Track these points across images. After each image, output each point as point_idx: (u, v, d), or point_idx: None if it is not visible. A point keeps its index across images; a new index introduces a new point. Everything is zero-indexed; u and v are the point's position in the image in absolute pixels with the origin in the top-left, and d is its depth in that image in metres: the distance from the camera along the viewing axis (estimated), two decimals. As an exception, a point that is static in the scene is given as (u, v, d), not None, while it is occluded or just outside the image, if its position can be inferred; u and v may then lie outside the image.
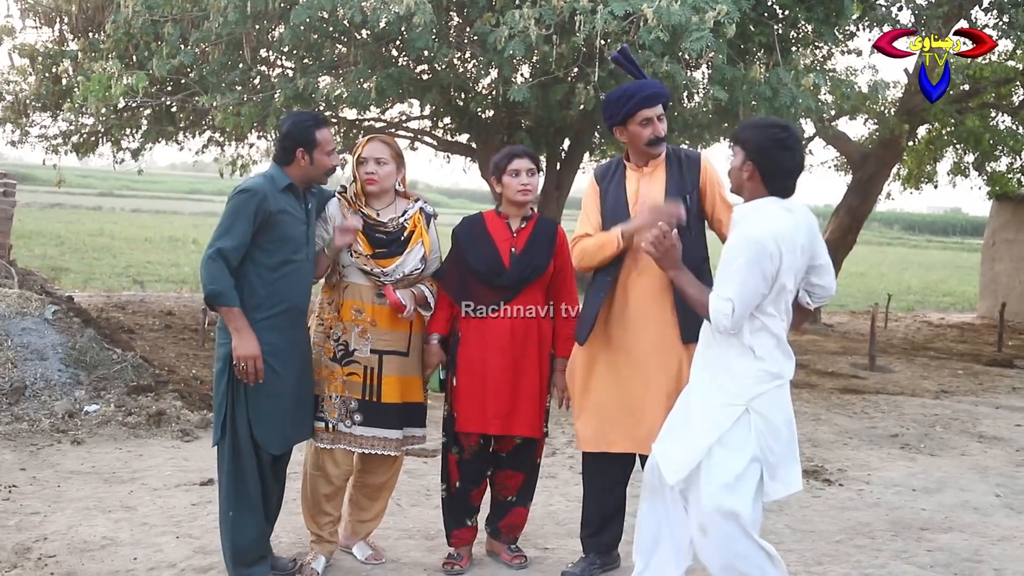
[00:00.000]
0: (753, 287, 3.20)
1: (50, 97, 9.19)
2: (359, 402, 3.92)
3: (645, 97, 3.83)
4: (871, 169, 13.41)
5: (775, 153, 3.27)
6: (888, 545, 4.62)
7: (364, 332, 3.93)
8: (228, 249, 3.60)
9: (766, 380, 3.29)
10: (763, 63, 7.22)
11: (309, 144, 3.75)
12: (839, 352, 11.23)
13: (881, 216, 51.68)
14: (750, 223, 3.27)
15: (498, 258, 4.01)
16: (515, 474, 4.14)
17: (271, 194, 3.68)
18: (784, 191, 3.33)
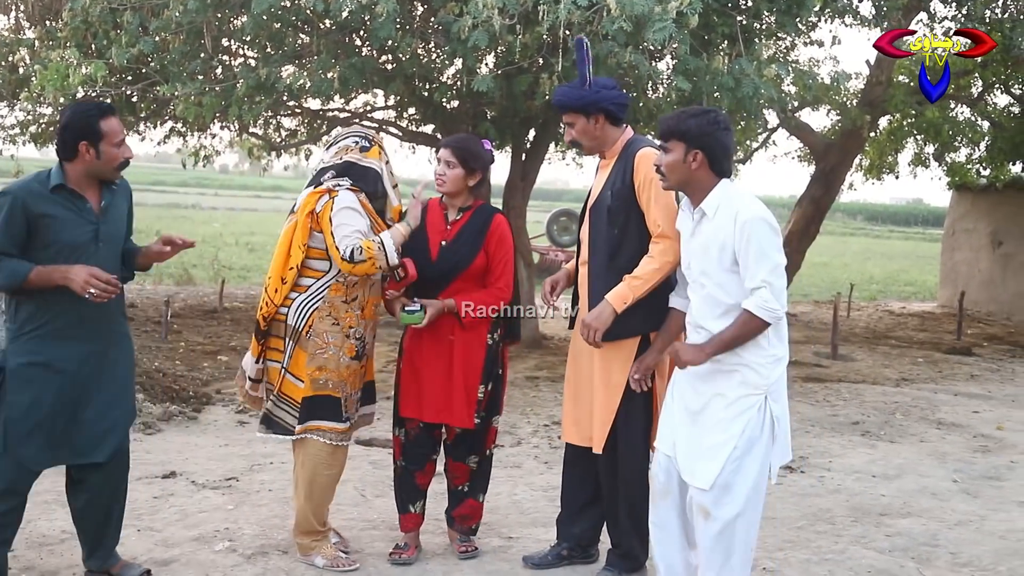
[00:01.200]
0: (780, 262, 3.25)
1: (6, 86, 9.01)
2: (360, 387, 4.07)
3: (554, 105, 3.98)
4: (834, 160, 13.51)
5: (719, 135, 3.34)
6: (848, 530, 4.69)
7: (376, 326, 4.12)
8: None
9: (778, 364, 3.33)
10: (726, 54, 7.24)
11: (93, 136, 3.41)
12: (802, 341, 11.34)
13: (844, 207, 52.17)
14: (736, 206, 3.28)
15: (427, 250, 4.04)
16: (458, 464, 4.17)
17: (38, 196, 3.37)
18: (729, 172, 3.42)
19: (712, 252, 3.32)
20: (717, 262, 3.31)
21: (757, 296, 3.20)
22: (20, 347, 3.42)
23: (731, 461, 3.26)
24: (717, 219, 3.31)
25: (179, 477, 5.13)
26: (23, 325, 3.42)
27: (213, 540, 4.21)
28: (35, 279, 3.34)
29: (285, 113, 10.02)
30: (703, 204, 3.37)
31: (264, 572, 3.89)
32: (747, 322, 3.23)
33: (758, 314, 3.20)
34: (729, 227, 3.26)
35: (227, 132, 11.46)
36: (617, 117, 3.85)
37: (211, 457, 5.54)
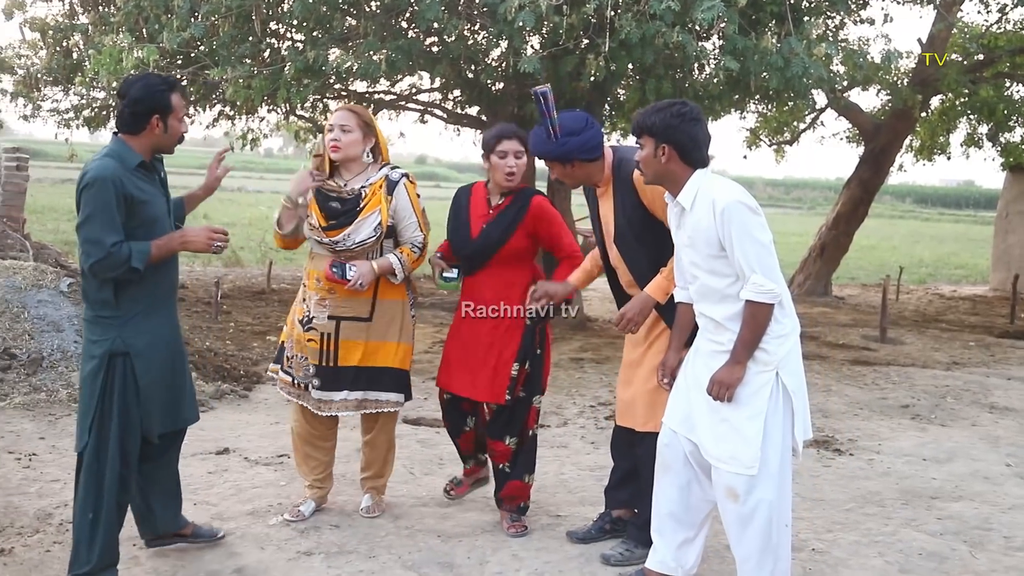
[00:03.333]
0: (765, 241, 3.26)
1: (61, 71, 9.21)
2: (316, 367, 4.11)
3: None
4: (883, 141, 13.33)
5: (684, 127, 3.33)
6: (898, 513, 4.66)
7: (323, 300, 4.08)
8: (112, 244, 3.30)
9: (786, 339, 3.33)
10: (775, 33, 7.17)
11: (165, 109, 3.43)
12: (850, 324, 11.23)
13: (893, 189, 51.43)
14: (712, 194, 3.27)
15: (467, 231, 4.16)
16: (495, 442, 4.21)
17: (125, 177, 3.36)
18: (704, 161, 3.39)
19: (698, 243, 3.34)
20: (704, 251, 3.33)
21: (752, 283, 3.23)
22: (136, 327, 3.45)
23: (763, 445, 3.26)
24: (696, 210, 3.33)
25: (232, 453, 5.23)
26: (129, 308, 3.44)
27: (267, 514, 4.29)
28: (156, 254, 3.42)
29: (332, 96, 10.09)
30: (679, 197, 3.39)
31: (317, 545, 3.96)
32: (754, 312, 3.25)
33: (758, 299, 3.23)
34: (708, 216, 3.27)
35: (274, 115, 11.57)
36: (593, 158, 3.77)
37: (263, 434, 5.63)
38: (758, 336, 3.28)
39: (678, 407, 3.52)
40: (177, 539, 3.88)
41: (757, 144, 15.48)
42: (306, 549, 3.92)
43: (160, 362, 3.52)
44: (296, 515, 4.24)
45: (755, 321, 3.26)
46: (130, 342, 3.43)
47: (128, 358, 3.43)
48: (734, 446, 3.30)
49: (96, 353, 3.42)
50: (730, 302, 3.33)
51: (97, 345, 3.42)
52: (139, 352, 3.44)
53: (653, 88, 7.48)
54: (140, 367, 3.44)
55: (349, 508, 4.41)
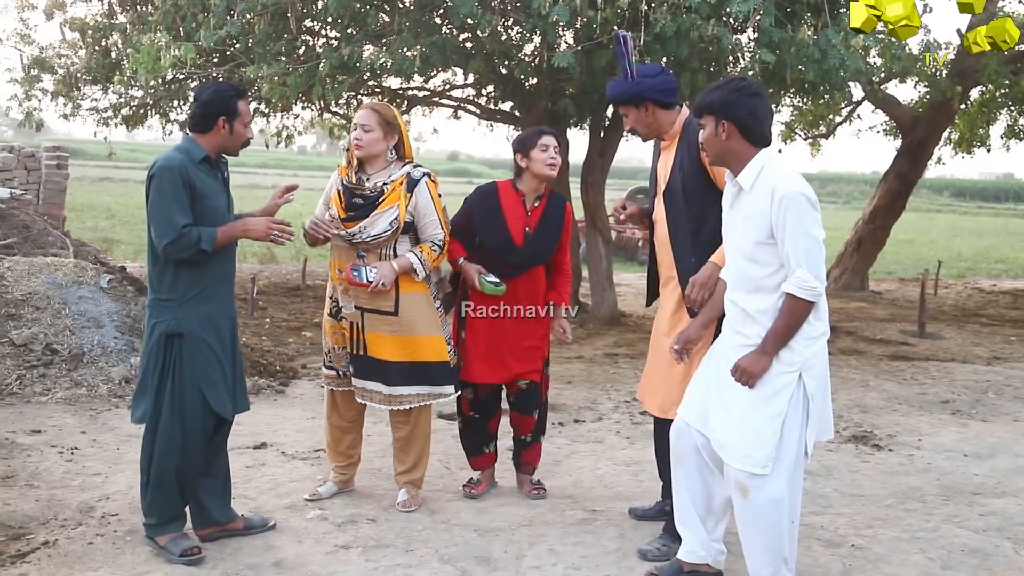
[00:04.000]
0: (819, 237, 3.20)
1: (100, 70, 9.32)
2: (349, 355, 4.30)
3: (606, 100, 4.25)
4: (921, 133, 13.16)
5: (744, 102, 3.27)
6: (939, 509, 4.60)
7: (347, 289, 4.22)
8: (183, 225, 3.58)
9: (814, 342, 3.28)
10: (811, 25, 7.10)
11: (231, 113, 3.74)
12: (887, 319, 11.10)
13: (930, 183, 50.74)
14: (774, 179, 3.21)
15: (509, 237, 4.32)
16: (524, 416, 4.54)
17: (191, 168, 3.66)
18: (767, 138, 3.32)
19: (748, 225, 3.29)
20: (752, 235, 3.27)
21: (796, 277, 3.17)
22: (191, 311, 3.70)
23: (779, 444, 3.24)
24: (755, 192, 3.27)
25: (269, 448, 5.27)
26: (185, 292, 3.70)
27: (305, 508, 4.32)
28: (221, 238, 3.69)
29: (366, 92, 10.13)
30: (740, 177, 3.32)
31: (354, 539, 3.98)
32: (792, 307, 3.20)
33: (799, 295, 3.17)
34: (766, 200, 3.21)
35: (309, 112, 11.64)
36: (666, 102, 3.87)
37: (299, 429, 5.67)
38: (792, 331, 3.22)
39: (695, 401, 3.51)
40: (227, 533, 3.94)
41: (792, 138, 15.34)
42: (344, 543, 3.95)
43: (211, 345, 3.74)
44: (314, 494, 4.44)
45: (792, 316, 3.21)
46: (184, 324, 3.68)
47: (182, 339, 3.68)
48: (749, 444, 3.27)
49: (155, 333, 3.72)
50: (764, 294, 3.29)
51: (157, 326, 3.72)
52: (192, 333, 3.69)
53: (688, 82, 7.43)
54: (193, 348, 3.69)
55: (386, 502, 4.43)
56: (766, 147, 3.33)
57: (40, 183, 10.80)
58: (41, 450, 5.00)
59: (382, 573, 3.69)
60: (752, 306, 3.31)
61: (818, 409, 3.32)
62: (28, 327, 6.35)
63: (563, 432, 5.83)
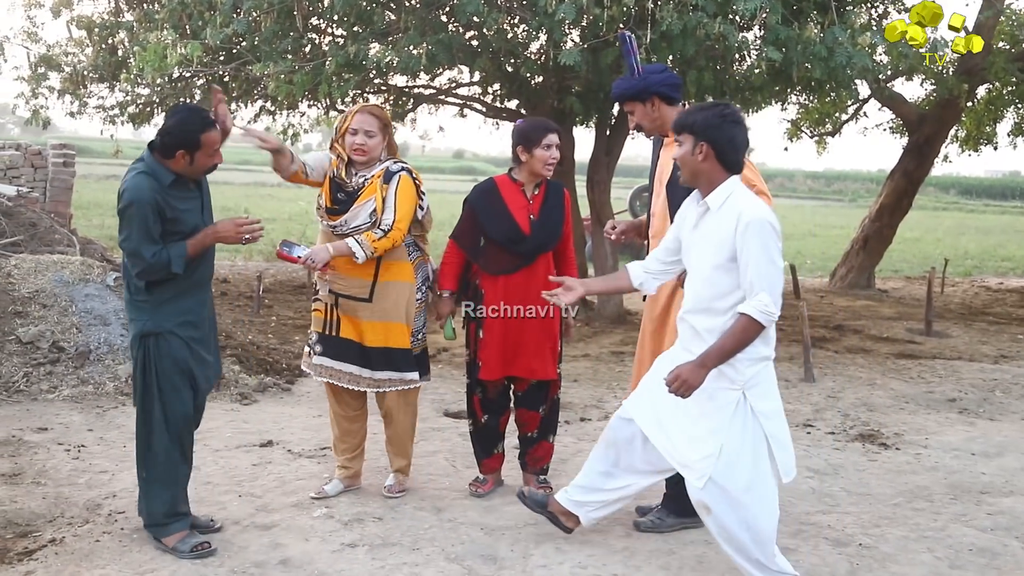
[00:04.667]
0: (780, 265, 3.31)
1: (107, 68, 9.32)
2: (319, 335, 4.43)
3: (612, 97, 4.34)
4: (928, 131, 13.13)
5: (725, 128, 3.35)
6: (947, 508, 4.59)
7: (323, 275, 4.35)
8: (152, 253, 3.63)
9: (757, 363, 3.36)
10: (818, 22, 7.08)
11: (192, 147, 3.66)
12: (894, 317, 11.07)
13: (936, 180, 50.60)
14: (742, 206, 3.30)
15: (516, 226, 4.35)
16: (531, 412, 4.55)
17: (160, 195, 3.64)
18: (738, 165, 3.42)
19: (709, 247, 3.37)
20: (712, 257, 3.35)
21: (758, 300, 3.23)
22: (167, 310, 3.76)
23: (720, 460, 3.33)
24: (721, 214, 3.35)
25: (276, 446, 5.28)
26: (160, 294, 3.74)
27: (311, 507, 4.32)
28: (192, 253, 3.73)
29: (372, 90, 10.13)
30: (708, 198, 3.40)
31: (360, 538, 3.99)
32: (746, 327, 3.26)
33: (757, 318, 3.23)
34: (731, 225, 3.29)
35: (315, 110, 11.63)
36: (671, 97, 4.05)
37: (305, 427, 5.67)
38: (738, 350, 3.29)
39: (645, 402, 3.61)
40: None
41: (798, 136, 15.31)
42: (350, 541, 3.95)
43: (189, 339, 3.80)
44: (320, 492, 4.46)
45: (744, 335, 3.27)
46: (161, 324, 3.74)
47: (160, 337, 3.75)
48: (690, 456, 3.40)
49: (134, 332, 3.80)
50: (714, 315, 3.37)
51: (134, 324, 3.81)
52: (169, 331, 3.75)
53: (694, 79, 7.42)
54: (171, 345, 3.76)
55: (392, 501, 4.43)
56: (737, 174, 3.42)
57: (47, 181, 10.81)
58: (48, 448, 5.01)
59: (388, 571, 3.68)
60: (702, 325, 3.41)
61: (778, 431, 3.39)
62: (35, 325, 6.36)
63: (569, 431, 5.83)
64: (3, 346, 6.19)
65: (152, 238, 3.63)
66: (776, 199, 18.50)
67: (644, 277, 3.75)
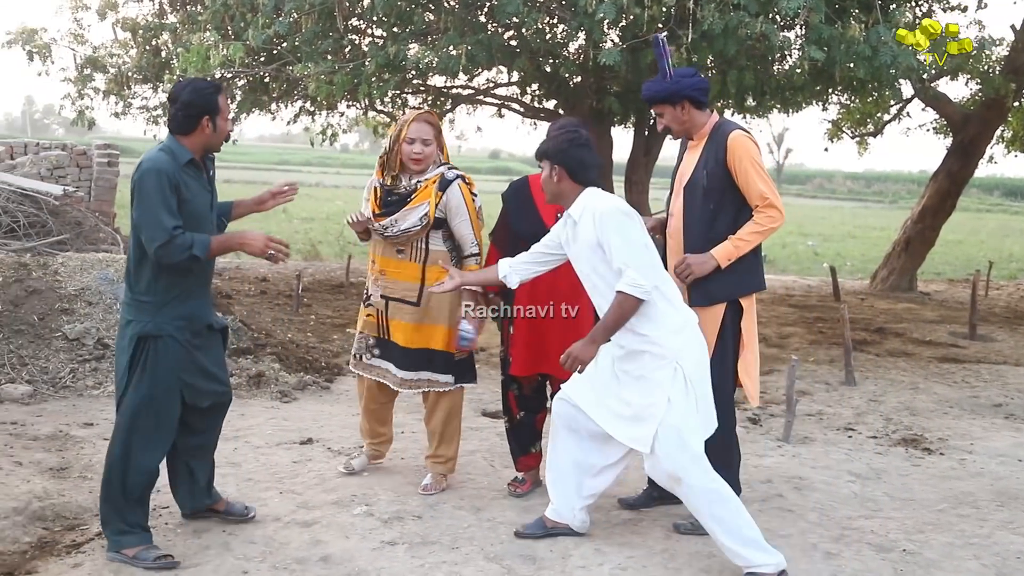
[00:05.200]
0: (639, 242, 3.64)
1: (150, 69, 9.46)
2: (376, 339, 4.55)
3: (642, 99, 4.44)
4: (973, 131, 12.94)
5: (572, 151, 3.79)
6: (994, 515, 4.51)
7: (376, 279, 4.52)
8: (174, 227, 3.53)
9: (680, 331, 3.65)
10: (862, 21, 7.00)
11: (213, 111, 3.68)
12: (937, 321, 10.92)
13: (980, 182, 49.84)
14: (594, 205, 3.68)
15: (541, 221, 4.35)
16: None
17: (176, 171, 3.61)
18: (593, 181, 3.82)
19: (585, 248, 3.72)
20: (592, 257, 3.70)
21: (627, 276, 3.57)
22: (169, 313, 3.68)
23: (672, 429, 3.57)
24: (583, 221, 3.72)
25: (316, 444, 5.31)
26: (164, 294, 3.67)
27: (351, 504, 4.35)
28: (216, 247, 3.69)
29: (411, 91, 10.18)
30: (570, 211, 3.80)
31: (400, 536, 4.00)
32: (622, 303, 3.59)
33: (630, 292, 3.56)
34: (590, 222, 3.68)
35: (353, 110, 11.72)
36: (700, 101, 4.17)
37: (344, 425, 5.71)
38: (619, 324, 3.62)
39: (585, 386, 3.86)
40: (211, 513, 4.10)
41: (839, 136, 15.15)
42: (390, 539, 3.96)
43: (188, 343, 3.73)
44: (348, 467, 4.75)
45: (621, 309, 3.60)
46: (162, 327, 3.66)
47: (157, 340, 3.66)
48: (636, 430, 3.66)
49: (129, 333, 3.68)
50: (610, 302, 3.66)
51: (131, 325, 3.68)
52: (169, 335, 3.67)
53: (735, 79, 7.38)
54: (167, 347, 3.67)
55: (431, 500, 4.45)
56: (591, 187, 3.80)
57: (91, 180, 10.99)
58: (94, 443, 5.08)
59: (428, 570, 3.70)
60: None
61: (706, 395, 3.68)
62: (81, 322, 6.46)
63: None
64: (50, 343, 6.29)
65: (171, 210, 3.54)
66: (815, 200, 18.51)
67: (508, 271, 4.04)
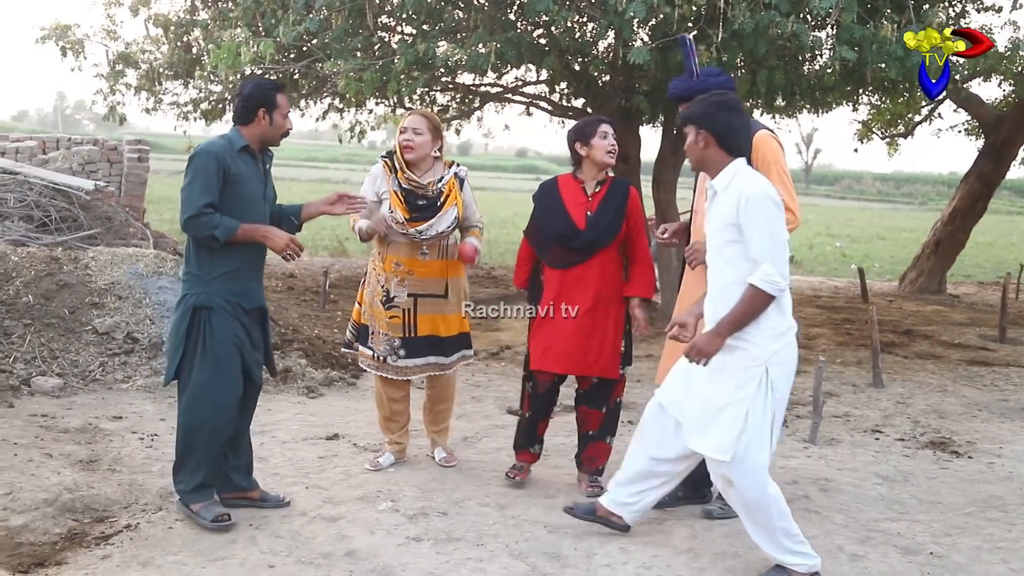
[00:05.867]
0: (783, 236, 3.46)
1: (181, 65, 9.53)
2: (402, 340, 4.68)
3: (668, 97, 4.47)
4: (1005, 133, 12.80)
5: (721, 114, 3.58)
6: (1022, 519, 4.47)
7: (403, 280, 4.66)
8: (205, 204, 3.84)
9: (780, 338, 3.50)
10: (894, 21, 6.94)
11: (271, 105, 4.01)
12: (966, 323, 10.81)
13: (1012, 184, 49.22)
14: (741, 185, 3.48)
15: (570, 221, 4.41)
16: (591, 411, 4.58)
17: (229, 155, 3.94)
18: (741, 148, 3.62)
19: (720, 225, 3.56)
20: (723, 236, 3.53)
21: (761, 271, 3.39)
22: (218, 288, 3.96)
23: (743, 433, 3.46)
24: (726, 195, 3.53)
25: (342, 439, 5.34)
26: (212, 270, 3.96)
27: (376, 500, 4.37)
28: (241, 235, 3.92)
29: (439, 88, 10.19)
30: (714, 181, 3.62)
31: (425, 532, 4.02)
32: (753, 296, 3.41)
33: (762, 287, 3.39)
34: (734, 201, 3.47)
35: (382, 108, 11.74)
36: None
37: (370, 422, 5.72)
38: (748, 319, 3.44)
39: (674, 389, 3.77)
40: (246, 501, 4.21)
41: (869, 137, 15.03)
42: (415, 535, 3.98)
43: (235, 320, 3.98)
44: (375, 465, 4.81)
45: (751, 304, 3.42)
46: (213, 299, 3.94)
47: (211, 311, 3.94)
48: (715, 434, 3.53)
49: (184, 304, 3.98)
50: (733, 288, 3.49)
51: (187, 298, 3.98)
52: (219, 308, 3.94)
53: (765, 79, 7.34)
54: (224, 319, 3.95)
55: (457, 496, 4.46)
56: (741, 157, 3.61)
57: (122, 175, 11.08)
58: (123, 436, 5.14)
59: (453, 566, 3.71)
60: (723, 301, 3.53)
61: (781, 404, 3.56)
62: (110, 316, 6.53)
63: (632, 431, 5.78)
64: (80, 336, 6.37)
65: (211, 190, 3.84)
66: (844, 201, 18.37)
67: None
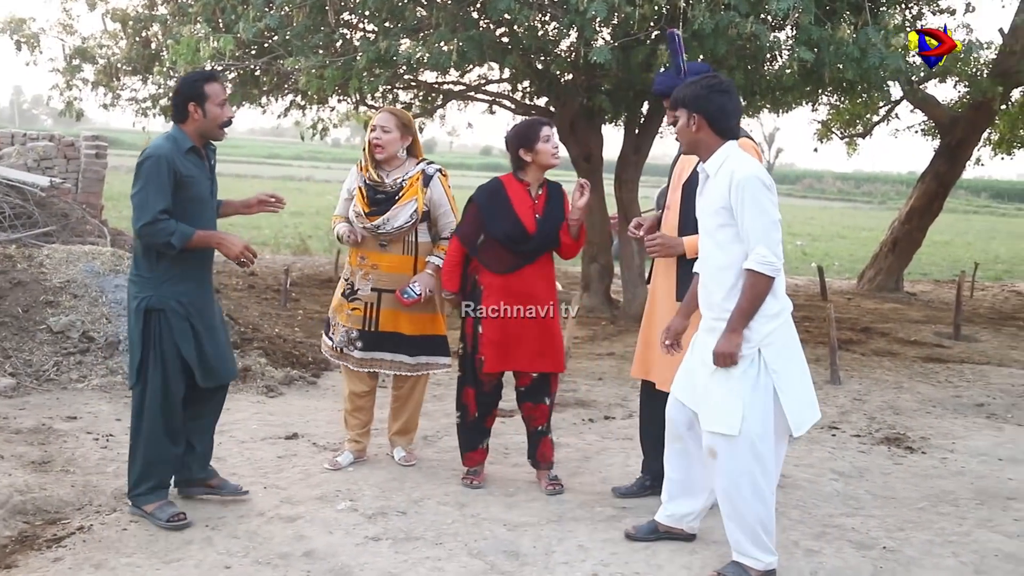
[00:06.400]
0: (775, 217, 3.44)
1: (140, 61, 9.42)
2: (359, 332, 4.72)
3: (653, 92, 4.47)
4: (960, 133, 13.00)
5: (714, 97, 3.54)
6: (973, 513, 4.55)
7: (367, 275, 4.70)
8: (160, 211, 3.80)
9: (772, 319, 3.50)
10: (851, 23, 7.03)
11: (200, 98, 3.93)
12: (922, 321, 10.98)
13: (968, 184, 50.04)
14: (733, 167, 3.47)
15: (520, 225, 4.45)
16: (538, 405, 4.62)
17: (178, 157, 3.89)
18: (733, 131, 3.60)
19: (711, 208, 3.55)
20: (715, 219, 3.53)
21: (756, 253, 3.40)
22: (168, 290, 3.94)
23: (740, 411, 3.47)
24: (718, 178, 3.52)
25: (301, 439, 5.32)
26: (162, 273, 3.94)
27: (335, 499, 4.36)
28: (197, 241, 3.90)
29: (402, 86, 10.16)
30: (706, 164, 3.60)
31: (384, 531, 4.01)
32: (754, 282, 3.42)
33: (760, 270, 3.40)
34: (725, 184, 3.47)
35: (344, 105, 11.68)
36: None
37: (330, 421, 5.71)
38: (755, 306, 3.44)
39: (687, 381, 3.74)
40: (205, 488, 4.23)
41: (829, 137, 15.21)
42: (373, 534, 3.97)
43: (187, 321, 3.97)
44: (334, 464, 4.79)
45: (754, 291, 3.43)
46: (163, 301, 3.93)
47: (162, 313, 3.93)
48: (719, 414, 3.52)
49: (136, 308, 3.96)
50: (725, 273, 3.51)
51: (136, 300, 3.97)
52: (171, 310, 3.94)
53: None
54: (171, 323, 3.94)
55: (416, 495, 4.46)
56: (733, 139, 3.59)
57: (79, 172, 10.93)
58: (77, 436, 5.07)
59: (411, 565, 3.71)
60: (716, 285, 3.56)
61: (789, 387, 3.51)
62: (65, 314, 6.45)
63: (593, 429, 5.83)
64: (34, 335, 6.27)
65: (164, 195, 3.81)
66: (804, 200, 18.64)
67: None
